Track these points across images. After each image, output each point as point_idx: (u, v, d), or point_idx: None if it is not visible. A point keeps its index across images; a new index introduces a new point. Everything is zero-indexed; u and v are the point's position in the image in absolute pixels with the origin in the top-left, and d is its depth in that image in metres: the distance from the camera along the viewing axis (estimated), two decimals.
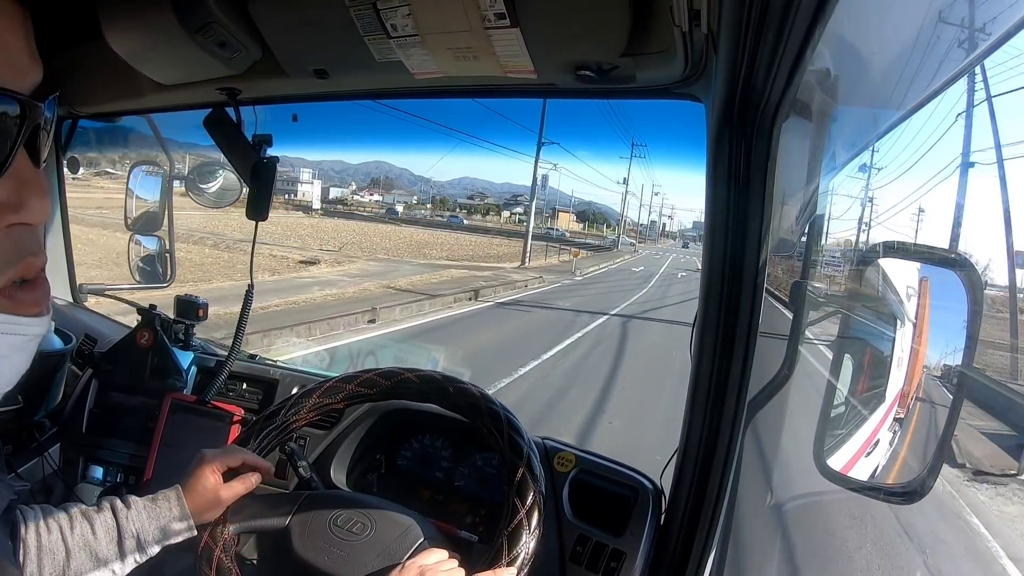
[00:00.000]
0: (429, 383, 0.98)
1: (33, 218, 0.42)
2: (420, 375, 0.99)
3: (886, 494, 0.91)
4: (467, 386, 0.97)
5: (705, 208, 0.84)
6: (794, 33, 0.55)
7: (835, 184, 1.07)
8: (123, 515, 0.79)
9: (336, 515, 0.91)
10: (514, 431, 0.92)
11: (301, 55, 0.93)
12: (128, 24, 0.88)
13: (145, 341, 1.34)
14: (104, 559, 0.76)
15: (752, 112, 0.74)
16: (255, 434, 0.97)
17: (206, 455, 0.87)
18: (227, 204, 1.55)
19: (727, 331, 0.86)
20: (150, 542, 0.80)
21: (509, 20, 0.73)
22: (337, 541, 0.88)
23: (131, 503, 0.81)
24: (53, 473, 1.30)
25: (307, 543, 0.88)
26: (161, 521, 0.81)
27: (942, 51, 0.75)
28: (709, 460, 0.91)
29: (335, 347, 6.96)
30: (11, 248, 0.41)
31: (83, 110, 1.43)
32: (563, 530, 1.02)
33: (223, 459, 0.87)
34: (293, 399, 1.00)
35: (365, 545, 0.88)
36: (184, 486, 0.85)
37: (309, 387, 1.02)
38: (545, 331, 9.01)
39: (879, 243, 1.29)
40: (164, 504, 0.82)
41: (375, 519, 0.91)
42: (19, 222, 0.41)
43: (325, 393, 1.00)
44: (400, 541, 0.88)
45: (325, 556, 0.86)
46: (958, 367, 0.79)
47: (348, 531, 0.89)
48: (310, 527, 0.90)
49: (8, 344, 0.43)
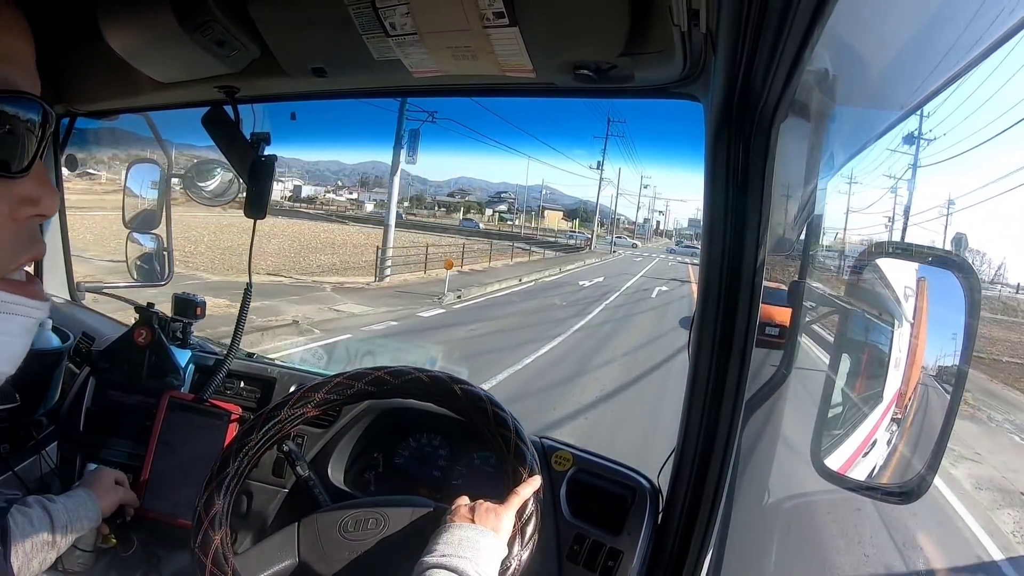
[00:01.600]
0: (438, 384, 0.96)
1: (48, 210, 0.46)
2: (431, 375, 0.97)
3: (883, 494, 0.91)
4: (475, 390, 0.96)
5: (703, 208, 0.84)
6: (793, 33, 0.55)
7: (833, 184, 1.07)
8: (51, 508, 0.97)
9: (343, 523, 0.89)
10: (520, 440, 0.90)
11: (299, 53, 0.93)
12: (127, 22, 0.87)
13: (143, 339, 1.33)
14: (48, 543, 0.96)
15: (751, 112, 0.74)
16: (256, 429, 0.95)
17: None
18: (225, 202, 1.55)
19: (725, 330, 0.86)
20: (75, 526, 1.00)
21: (508, 19, 0.73)
22: (359, 544, 0.87)
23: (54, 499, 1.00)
24: (50, 472, 1.29)
25: (331, 562, 0.86)
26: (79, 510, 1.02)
27: (941, 51, 0.75)
28: (707, 459, 0.91)
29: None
30: (28, 237, 0.46)
31: (81, 108, 1.43)
32: (560, 529, 1.02)
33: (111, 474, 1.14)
34: (298, 394, 0.97)
35: (389, 533, 0.87)
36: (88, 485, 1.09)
37: (315, 383, 0.99)
38: None
39: (877, 243, 1.29)
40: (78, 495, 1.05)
41: (380, 510, 0.90)
42: (37, 214, 0.46)
43: (332, 390, 0.97)
44: (416, 515, 0.88)
45: (357, 564, 0.85)
46: (955, 367, 0.80)
47: (364, 531, 0.88)
48: (324, 548, 0.87)
49: (20, 325, 0.46)
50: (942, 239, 23.14)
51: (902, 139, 19.78)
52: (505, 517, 0.82)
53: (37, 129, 0.44)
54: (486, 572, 0.75)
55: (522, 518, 0.84)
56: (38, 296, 0.48)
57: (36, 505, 0.95)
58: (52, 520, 0.95)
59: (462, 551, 0.75)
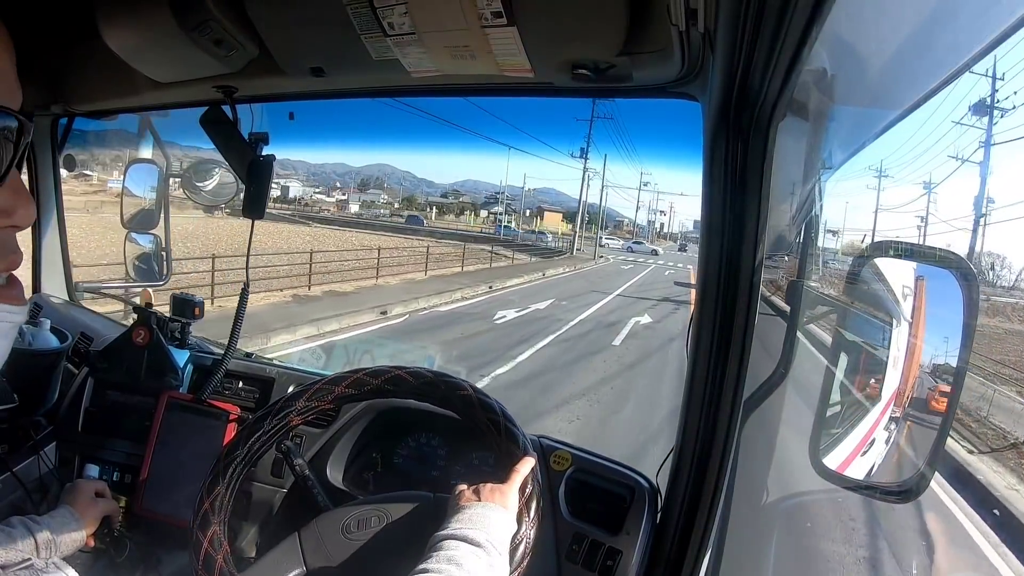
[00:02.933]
0: (419, 379, 0.97)
1: (22, 221, 0.46)
2: (410, 372, 0.98)
3: (882, 493, 0.91)
4: (458, 381, 0.97)
5: (701, 207, 0.84)
6: (791, 33, 0.55)
7: (831, 184, 1.07)
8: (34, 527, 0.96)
9: (345, 524, 0.89)
10: (509, 422, 0.92)
11: (298, 53, 0.93)
12: (125, 22, 0.87)
13: (141, 339, 1.33)
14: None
15: (749, 111, 0.74)
16: (248, 435, 0.95)
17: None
18: (223, 202, 1.55)
19: (723, 330, 0.86)
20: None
21: (506, 19, 0.73)
22: (363, 544, 0.86)
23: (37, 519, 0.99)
24: (49, 472, 1.29)
25: (339, 565, 0.85)
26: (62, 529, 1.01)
27: (939, 51, 0.76)
28: (705, 458, 0.91)
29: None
30: (3, 247, 0.46)
31: (79, 108, 1.43)
32: (559, 528, 1.02)
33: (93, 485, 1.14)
34: (278, 404, 0.97)
35: (392, 529, 0.87)
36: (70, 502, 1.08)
37: (295, 391, 0.99)
38: None
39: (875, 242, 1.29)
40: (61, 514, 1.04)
41: (380, 508, 0.90)
42: (10, 225, 0.45)
43: (313, 396, 0.97)
44: (417, 508, 0.88)
45: (364, 562, 0.85)
46: (954, 366, 0.80)
47: (367, 529, 0.88)
48: (329, 552, 0.87)
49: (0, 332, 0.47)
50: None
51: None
52: (510, 493, 0.83)
53: (11, 141, 0.44)
54: (497, 543, 0.76)
55: (525, 494, 0.85)
56: (15, 300, 0.48)
57: (19, 526, 0.95)
58: (36, 542, 0.94)
59: (473, 524, 0.77)
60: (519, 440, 0.90)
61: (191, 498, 0.91)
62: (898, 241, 1.51)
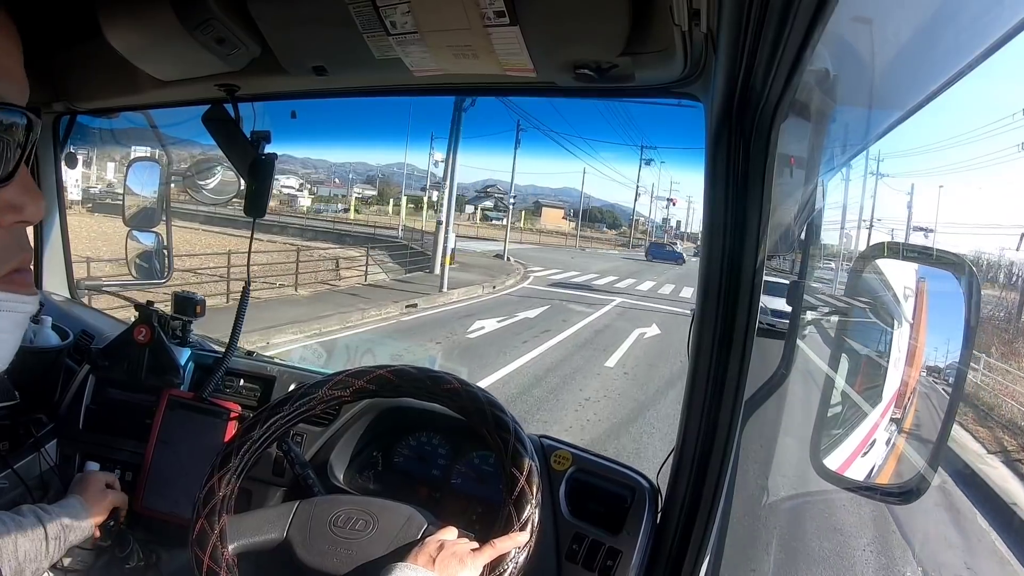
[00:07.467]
0: (402, 376, 0.97)
1: (32, 217, 0.46)
2: (393, 370, 0.97)
3: (882, 494, 0.91)
4: (444, 375, 0.96)
5: (704, 207, 0.84)
6: (794, 33, 0.55)
7: (833, 184, 1.07)
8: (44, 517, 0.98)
9: (335, 516, 0.90)
10: (497, 409, 0.92)
11: (300, 52, 0.93)
12: (127, 20, 0.87)
13: (142, 337, 1.33)
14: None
15: (751, 112, 0.74)
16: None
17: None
18: (224, 201, 1.55)
19: (725, 329, 0.86)
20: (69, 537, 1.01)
21: (509, 18, 0.73)
22: (342, 541, 0.87)
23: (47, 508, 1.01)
24: (50, 469, 1.29)
25: (312, 549, 0.86)
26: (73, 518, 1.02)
27: (941, 52, 0.75)
28: (706, 459, 0.91)
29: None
30: (13, 243, 0.47)
31: (81, 106, 1.43)
32: (559, 528, 1.02)
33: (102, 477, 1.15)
34: (269, 408, 0.96)
35: (371, 540, 0.87)
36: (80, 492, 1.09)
37: (280, 398, 0.98)
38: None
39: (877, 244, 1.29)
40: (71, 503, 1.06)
41: (375, 513, 0.90)
42: (21, 220, 0.46)
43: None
44: (407, 529, 0.88)
45: (333, 559, 0.85)
46: (955, 367, 0.80)
47: (351, 529, 0.88)
48: (311, 534, 0.88)
49: (12, 321, 0.47)
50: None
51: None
52: (470, 569, 0.78)
53: (21, 136, 0.44)
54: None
55: (494, 572, 0.81)
56: (27, 288, 0.48)
57: (30, 515, 0.96)
58: (46, 530, 0.96)
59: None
60: (509, 425, 0.90)
61: (192, 496, 0.91)
62: (898, 242, 1.51)
